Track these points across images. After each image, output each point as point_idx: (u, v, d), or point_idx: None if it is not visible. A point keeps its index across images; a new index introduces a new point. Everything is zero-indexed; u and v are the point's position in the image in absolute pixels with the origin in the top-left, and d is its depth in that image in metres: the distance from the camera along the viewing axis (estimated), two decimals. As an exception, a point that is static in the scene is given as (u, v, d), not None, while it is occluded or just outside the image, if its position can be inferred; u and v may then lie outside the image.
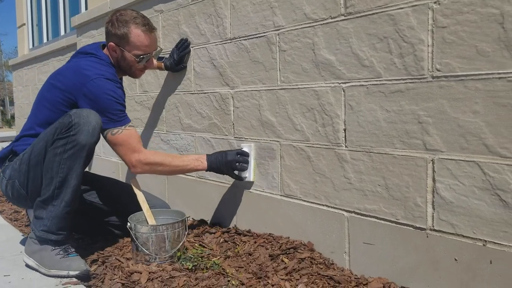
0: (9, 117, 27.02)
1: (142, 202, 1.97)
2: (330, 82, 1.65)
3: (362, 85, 1.54)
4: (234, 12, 2.06)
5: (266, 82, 1.92)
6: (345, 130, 1.61)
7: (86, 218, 2.20)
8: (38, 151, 1.79)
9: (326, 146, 1.69)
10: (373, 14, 1.49)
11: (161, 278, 1.65)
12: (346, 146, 1.61)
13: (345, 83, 1.60)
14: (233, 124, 2.13)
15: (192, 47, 2.36)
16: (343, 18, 1.58)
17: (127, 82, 3.00)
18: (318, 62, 1.69)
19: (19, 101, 6.29)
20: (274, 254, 1.75)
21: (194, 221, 2.34)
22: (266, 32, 1.90)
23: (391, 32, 1.44)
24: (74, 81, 1.85)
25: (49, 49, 5.02)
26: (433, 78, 1.34)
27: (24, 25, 6.70)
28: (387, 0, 1.44)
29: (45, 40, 6.15)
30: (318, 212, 1.74)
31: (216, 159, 1.98)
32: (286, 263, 1.67)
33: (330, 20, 1.63)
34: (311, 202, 1.77)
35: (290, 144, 1.83)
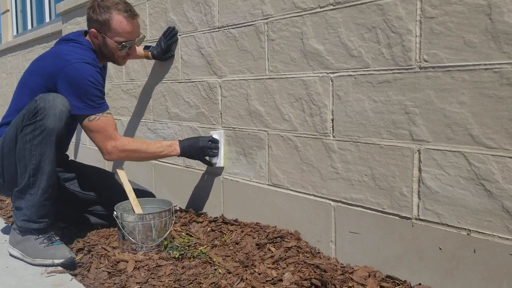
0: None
1: (129, 191, 1.96)
2: (318, 72, 1.64)
3: (350, 75, 1.54)
4: (222, 0, 2.05)
5: (254, 72, 1.91)
6: (332, 120, 1.62)
7: (71, 207, 2.18)
8: (10, 139, 1.78)
9: (313, 136, 1.69)
10: (361, 4, 1.48)
11: (147, 266, 1.65)
12: (333, 136, 1.62)
13: (333, 73, 1.60)
14: (220, 113, 2.12)
15: (179, 35, 2.34)
16: (332, 7, 1.58)
17: (113, 70, 2.97)
18: (306, 51, 1.68)
19: (3, 88, 6.18)
20: (261, 243, 1.75)
21: (181, 210, 2.33)
22: (255, 20, 1.89)
23: (380, 22, 1.44)
24: (54, 66, 1.82)
25: (33, 36, 4.93)
26: (420, 68, 1.35)
27: (8, 11, 6.57)
28: (376, -10, 1.44)
29: (29, 27, 6.05)
30: (305, 201, 1.74)
31: (188, 145, 2.02)
32: (273, 252, 1.67)
33: (319, 9, 1.62)
34: (298, 192, 1.77)
35: (278, 134, 1.83)
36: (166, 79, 2.46)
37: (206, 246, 1.83)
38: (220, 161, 2.10)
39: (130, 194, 1.95)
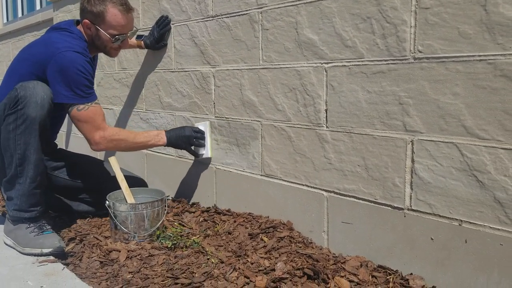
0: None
1: (121, 181, 1.95)
2: (313, 62, 1.64)
3: (345, 65, 1.54)
4: (216, -11, 2.03)
5: (248, 61, 1.90)
6: (326, 110, 1.61)
7: (62, 196, 2.17)
8: None
9: (307, 126, 1.69)
10: (357, -7, 1.48)
11: (140, 256, 1.65)
12: (327, 127, 1.62)
13: (327, 63, 1.59)
14: (214, 103, 2.11)
15: (173, 24, 2.32)
16: (327, -3, 1.57)
17: (105, 59, 2.94)
18: (301, 41, 1.67)
19: (-7, 77, 6.11)
20: (254, 233, 1.75)
21: (173, 200, 2.33)
22: (249, 10, 1.87)
23: (375, 12, 1.43)
24: (43, 53, 1.81)
25: (24, 23, 4.86)
26: (414, 59, 1.34)
27: (-3, -2, 6.47)
28: (371, -21, 1.43)
29: (20, 14, 5.96)
30: (298, 192, 1.75)
31: (174, 134, 2.03)
32: (265, 242, 1.68)
33: (314, -1, 1.61)
34: (291, 182, 1.77)
35: (271, 124, 1.83)
36: (159, 68, 2.44)
37: (198, 236, 1.83)
38: (207, 151, 2.11)
39: (122, 183, 1.94)
